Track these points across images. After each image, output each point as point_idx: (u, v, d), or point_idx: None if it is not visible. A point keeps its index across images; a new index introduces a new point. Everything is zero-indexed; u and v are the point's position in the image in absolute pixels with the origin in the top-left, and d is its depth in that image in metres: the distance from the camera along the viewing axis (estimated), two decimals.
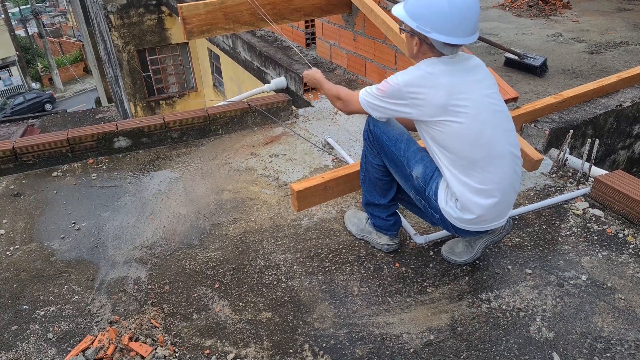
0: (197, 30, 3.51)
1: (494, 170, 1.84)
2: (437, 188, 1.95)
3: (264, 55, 5.50)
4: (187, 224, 2.65)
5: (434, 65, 1.81)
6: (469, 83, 1.80)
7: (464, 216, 1.90)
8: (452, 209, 1.92)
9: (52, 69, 30.29)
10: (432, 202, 1.98)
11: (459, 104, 1.76)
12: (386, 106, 1.89)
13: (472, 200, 1.86)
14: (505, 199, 1.91)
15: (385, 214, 2.24)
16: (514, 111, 3.09)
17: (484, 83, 1.85)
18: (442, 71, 1.79)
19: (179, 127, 3.55)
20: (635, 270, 2.15)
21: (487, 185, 1.84)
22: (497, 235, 2.10)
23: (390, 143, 2.02)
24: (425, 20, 1.74)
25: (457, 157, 1.83)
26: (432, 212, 2.01)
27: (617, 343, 1.81)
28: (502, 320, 1.94)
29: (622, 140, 3.64)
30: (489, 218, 1.92)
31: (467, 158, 1.82)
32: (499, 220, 1.97)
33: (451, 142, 1.82)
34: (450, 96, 1.76)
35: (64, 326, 2.00)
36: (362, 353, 1.83)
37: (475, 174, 1.83)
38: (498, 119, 1.85)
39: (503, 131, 1.86)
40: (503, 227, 2.07)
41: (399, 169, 2.04)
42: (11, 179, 3.16)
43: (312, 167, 3.17)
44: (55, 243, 2.53)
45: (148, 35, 10.60)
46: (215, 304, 2.09)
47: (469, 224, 1.93)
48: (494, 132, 1.82)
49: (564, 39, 5.17)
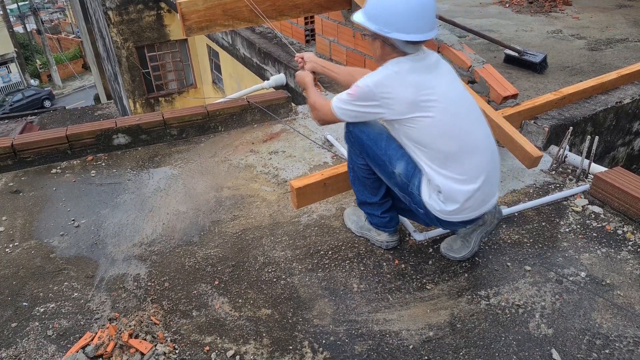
0: (196, 26, 3.50)
1: (472, 158, 1.89)
2: (420, 183, 1.98)
3: (264, 51, 5.49)
4: (187, 221, 2.65)
5: (399, 64, 1.85)
6: (434, 78, 1.86)
7: (446, 208, 1.94)
8: (436, 201, 1.95)
9: (51, 66, 30.23)
10: (415, 198, 2.01)
11: (428, 99, 1.81)
12: (358, 109, 1.93)
13: (456, 188, 1.89)
14: (488, 183, 1.94)
15: (379, 212, 2.25)
16: (513, 108, 3.09)
17: (447, 77, 1.92)
18: (408, 69, 1.84)
19: (178, 124, 3.55)
20: (634, 267, 2.16)
21: (467, 174, 1.89)
22: (489, 225, 2.11)
23: (371, 142, 2.05)
24: (384, 21, 1.79)
25: (433, 151, 1.88)
26: (417, 208, 2.04)
27: (615, 339, 1.82)
28: (501, 317, 1.94)
29: (621, 137, 3.64)
30: (474, 205, 1.94)
31: (443, 151, 1.87)
32: (485, 206, 1.99)
33: (425, 137, 1.87)
34: (418, 92, 1.81)
35: (63, 323, 2.00)
36: (361, 349, 1.83)
37: (454, 165, 1.88)
38: (466, 110, 1.91)
39: (473, 120, 1.92)
40: (493, 216, 2.09)
41: (381, 167, 2.07)
42: (10, 176, 3.16)
43: (311, 164, 3.17)
44: (55, 240, 2.53)
45: (147, 31, 10.57)
46: (215, 301, 2.09)
47: (453, 214, 1.96)
48: (464, 123, 1.88)
49: (564, 35, 5.16)
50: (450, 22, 4.00)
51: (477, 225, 2.10)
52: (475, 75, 3.27)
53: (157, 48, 11.01)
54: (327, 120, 2.09)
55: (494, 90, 3.17)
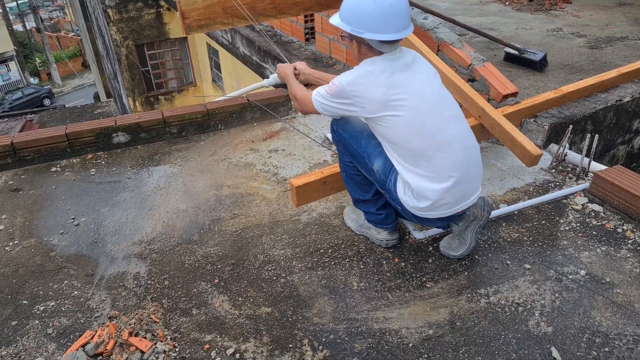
0: (196, 24, 3.49)
1: (443, 156, 1.90)
2: (396, 179, 2.02)
3: (263, 50, 5.48)
4: (187, 219, 2.65)
5: (374, 63, 1.89)
6: (407, 77, 1.89)
7: (419, 204, 1.97)
8: (410, 198, 1.99)
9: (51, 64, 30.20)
10: (392, 194, 2.05)
11: (398, 98, 1.85)
12: (333, 105, 1.98)
13: (425, 187, 1.92)
14: (465, 180, 1.96)
15: (374, 208, 2.26)
16: (513, 106, 3.09)
17: (422, 75, 1.94)
18: (382, 68, 1.87)
19: (178, 122, 3.55)
20: (633, 265, 2.16)
21: (438, 172, 1.91)
22: (481, 219, 2.12)
23: (352, 140, 2.10)
24: (357, 22, 1.84)
25: (403, 149, 1.92)
26: (395, 204, 2.09)
27: (615, 337, 1.82)
28: (500, 315, 1.94)
29: (621, 135, 3.64)
30: (451, 201, 1.96)
31: (413, 149, 1.90)
32: (463, 203, 2.00)
33: (396, 136, 1.91)
34: (388, 91, 1.84)
35: (63, 321, 2.00)
36: (361, 348, 1.83)
37: (424, 163, 1.91)
38: (439, 108, 1.93)
39: (447, 117, 1.93)
40: (482, 209, 2.10)
41: (362, 164, 2.12)
42: (10, 174, 3.16)
43: (311, 163, 3.17)
44: (55, 238, 2.53)
45: (146, 29, 10.55)
46: (215, 299, 2.09)
47: (426, 211, 1.99)
48: (436, 121, 1.90)
49: (564, 33, 5.16)
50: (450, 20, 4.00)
51: (469, 221, 2.11)
52: (475, 74, 3.27)
53: (157, 46, 10.99)
54: (308, 112, 2.16)
55: (494, 89, 3.17)
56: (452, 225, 2.17)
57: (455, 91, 2.99)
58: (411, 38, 3.26)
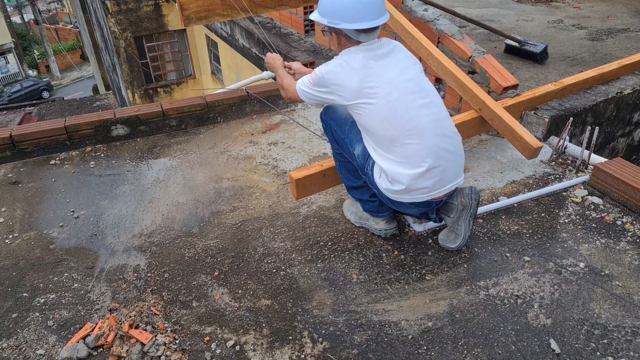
0: (195, 16, 3.47)
1: (415, 142, 1.94)
2: (374, 164, 2.08)
3: (263, 42, 5.45)
4: (186, 212, 2.65)
5: (351, 53, 1.97)
6: (382, 66, 1.95)
7: (392, 187, 2.03)
8: (384, 180, 2.06)
9: (49, 56, 30.05)
10: (370, 178, 2.12)
11: (371, 86, 1.92)
12: (314, 94, 2.07)
13: (398, 171, 1.98)
14: (440, 167, 1.99)
15: (367, 195, 2.27)
16: (513, 98, 3.08)
17: (398, 64, 1.99)
18: (359, 58, 1.94)
19: (177, 115, 3.54)
20: (633, 258, 2.16)
21: (409, 158, 1.96)
22: (470, 208, 2.13)
23: (337, 127, 2.20)
24: (333, 14, 1.93)
25: (377, 136, 2.00)
26: (373, 188, 2.15)
27: (614, 329, 1.83)
28: (500, 307, 1.95)
29: (621, 127, 3.63)
30: (427, 186, 1.99)
31: (386, 136, 1.97)
32: (443, 188, 2.03)
33: (370, 123, 1.98)
34: (362, 80, 1.92)
35: (64, 313, 2.01)
36: (360, 340, 1.84)
37: (396, 149, 1.97)
38: (412, 96, 1.96)
39: (419, 105, 1.96)
40: (470, 197, 2.11)
41: (345, 150, 2.20)
42: (9, 167, 3.15)
43: (310, 155, 3.17)
44: (54, 231, 2.53)
45: (145, 21, 10.48)
46: (215, 292, 2.09)
47: (400, 194, 2.03)
48: (407, 109, 1.94)
49: (564, 25, 5.13)
50: (450, 12, 3.97)
51: (458, 211, 2.13)
52: (475, 66, 3.26)
53: (156, 38, 10.93)
54: (294, 100, 2.23)
55: (494, 81, 3.16)
56: (444, 217, 2.19)
57: (456, 83, 2.98)
58: (411, 30, 3.24)
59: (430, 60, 3.13)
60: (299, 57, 4.57)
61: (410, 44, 3.26)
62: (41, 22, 29.59)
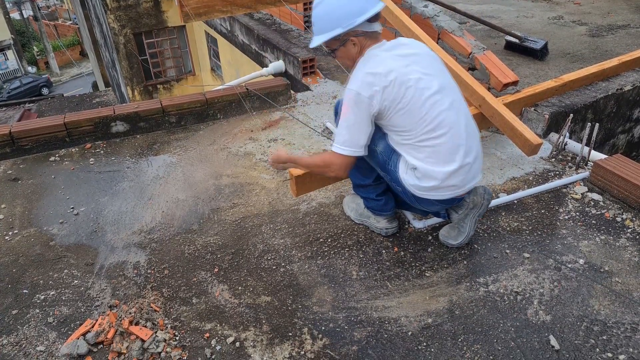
0: (194, 12, 3.46)
1: (448, 139, 1.90)
2: (398, 160, 2.01)
3: (262, 38, 5.44)
4: (186, 208, 2.65)
5: (372, 56, 1.90)
6: (408, 64, 1.87)
7: (422, 184, 1.96)
8: (411, 177, 1.99)
9: (48, 53, 29.99)
10: (393, 174, 2.04)
11: (403, 83, 1.84)
12: (360, 120, 1.90)
13: (432, 168, 1.92)
14: (469, 162, 1.96)
15: (374, 194, 2.25)
16: (513, 95, 3.08)
17: (422, 62, 1.92)
18: (383, 57, 1.88)
19: (177, 111, 3.53)
20: (632, 254, 2.16)
21: (444, 155, 1.91)
22: (480, 207, 2.12)
23: None
24: (345, 15, 1.86)
25: (409, 133, 1.91)
26: (395, 186, 2.08)
27: (613, 326, 1.83)
28: (499, 304, 1.95)
29: (622, 124, 3.63)
30: (456, 184, 1.96)
31: (418, 133, 1.90)
32: (467, 185, 2.00)
33: (401, 121, 1.90)
34: (397, 77, 1.84)
35: (64, 310, 2.01)
36: (360, 336, 1.84)
37: (429, 146, 1.90)
38: (441, 93, 1.90)
39: (450, 102, 1.92)
40: (482, 197, 2.10)
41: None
42: (9, 163, 3.15)
43: (310, 152, 3.16)
44: (54, 228, 2.53)
45: (144, 18, 10.45)
46: (215, 288, 2.10)
47: (429, 191, 1.98)
48: (438, 105, 1.88)
49: (565, 21, 5.12)
50: (450, 8, 3.96)
51: (468, 209, 2.11)
52: (475, 62, 3.25)
53: (155, 35, 10.91)
54: (345, 166, 2.00)
55: (494, 77, 3.15)
56: (451, 213, 2.17)
57: (455, 79, 2.97)
58: (411, 26, 3.23)
59: None
60: (299, 54, 4.56)
61: None
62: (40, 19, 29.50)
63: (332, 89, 4.18)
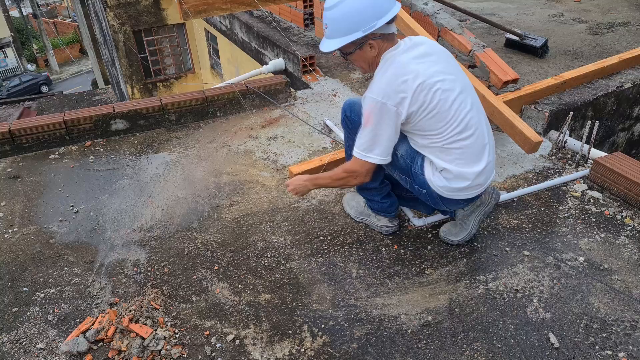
0: (194, 10, 3.45)
1: (474, 139, 1.89)
2: (423, 162, 1.98)
3: (262, 36, 5.43)
4: (186, 206, 2.65)
5: (391, 58, 1.84)
6: (428, 66, 1.82)
7: (452, 185, 1.94)
8: (439, 179, 1.95)
9: (48, 51, 29.93)
10: (418, 178, 2.00)
11: (435, 81, 1.80)
12: (386, 129, 1.85)
13: (463, 170, 1.90)
14: (491, 161, 1.97)
15: (379, 197, 2.25)
16: (513, 93, 3.07)
17: (440, 62, 1.87)
18: (403, 61, 1.82)
19: (177, 109, 3.53)
20: (632, 252, 2.17)
21: (473, 155, 1.90)
22: (487, 206, 2.13)
23: None
24: (368, 18, 1.77)
25: (436, 136, 1.87)
26: (419, 188, 2.04)
27: (613, 323, 1.83)
28: (499, 302, 1.95)
29: (622, 122, 3.63)
30: (481, 182, 1.96)
31: (446, 135, 1.86)
32: (488, 180, 2.00)
33: (427, 124, 1.85)
34: (423, 82, 1.79)
35: (64, 308, 2.01)
36: (360, 334, 1.84)
37: (457, 147, 1.88)
38: (464, 94, 1.88)
39: (471, 102, 1.90)
40: (490, 196, 2.11)
41: None
42: (8, 161, 3.15)
43: (310, 150, 3.16)
44: (54, 226, 2.53)
45: (144, 15, 10.44)
46: (215, 286, 2.10)
47: (458, 191, 1.96)
48: (461, 105, 1.86)
49: (565, 19, 5.11)
50: (450, 6, 3.96)
51: (475, 206, 2.11)
52: (475, 60, 3.24)
53: (155, 32, 10.89)
54: (370, 172, 1.98)
55: (495, 75, 3.15)
56: (457, 210, 2.17)
57: None
58: (411, 24, 3.23)
59: None
60: (299, 51, 4.56)
61: None
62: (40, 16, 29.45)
63: (332, 86, 4.18)
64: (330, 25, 1.83)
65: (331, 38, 1.85)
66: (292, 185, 2.16)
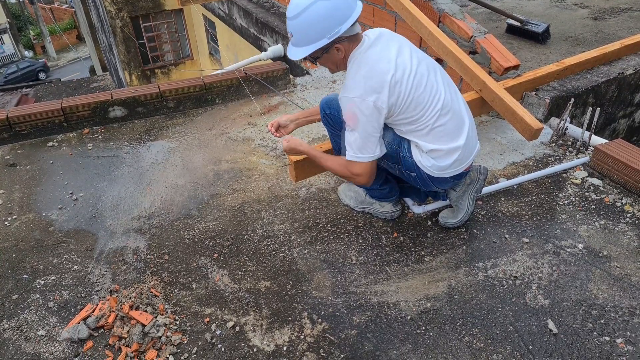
0: None
1: (451, 117, 1.94)
2: (409, 146, 2.02)
3: (261, 22, 5.38)
4: (185, 194, 2.64)
5: (359, 56, 1.86)
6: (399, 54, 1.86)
7: (440, 163, 1.98)
8: (427, 159, 1.99)
9: (45, 37, 29.68)
10: (407, 161, 2.03)
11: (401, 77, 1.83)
12: (371, 127, 1.87)
13: (449, 146, 1.95)
14: (470, 135, 2.01)
15: (377, 184, 2.25)
16: (514, 79, 3.05)
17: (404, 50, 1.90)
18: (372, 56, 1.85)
19: (175, 96, 3.50)
20: (631, 239, 2.17)
21: (453, 132, 1.95)
22: (477, 182, 2.16)
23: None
24: (331, 25, 1.78)
25: (417, 122, 1.91)
26: (408, 172, 2.07)
27: (611, 310, 1.84)
28: (498, 288, 1.96)
29: (623, 108, 3.61)
30: (464, 156, 2.00)
31: (425, 120, 1.91)
32: (472, 154, 2.05)
33: (412, 112, 1.89)
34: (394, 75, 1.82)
35: (64, 295, 2.02)
36: (359, 320, 1.85)
37: (439, 129, 1.93)
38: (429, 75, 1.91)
39: (439, 82, 1.93)
40: (478, 172, 2.16)
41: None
42: (6, 149, 3.13)
43: (310, 137, 3.15)
44: (53, 213, 2.53)
45: (141, 1, 10.32)
46: (215, 273, 2.10)
47: (446, 169, 2.00)
48: (433, 88, 1.90)
49: (567, 4, 5.06)
50: None
51: (465, 185, 2.15)
52: (476, 46, 3.21)
53: (152, 18, 10.78)
54: (371, 172, 1.99)
55: (495, 61, 3.12)
56: (450, 192, 2.20)
57: (456, 63, 2.95)
58: (411, 9, 3.19)
59: (430, 40, 3.09)
60: None
61: (411, 24, 3.21)
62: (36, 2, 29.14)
63: (331, 73, 4.14)
64: (295, 35, 1.85)
65: (297, 46, 1.86)
66: (288, 148, 2.17)
